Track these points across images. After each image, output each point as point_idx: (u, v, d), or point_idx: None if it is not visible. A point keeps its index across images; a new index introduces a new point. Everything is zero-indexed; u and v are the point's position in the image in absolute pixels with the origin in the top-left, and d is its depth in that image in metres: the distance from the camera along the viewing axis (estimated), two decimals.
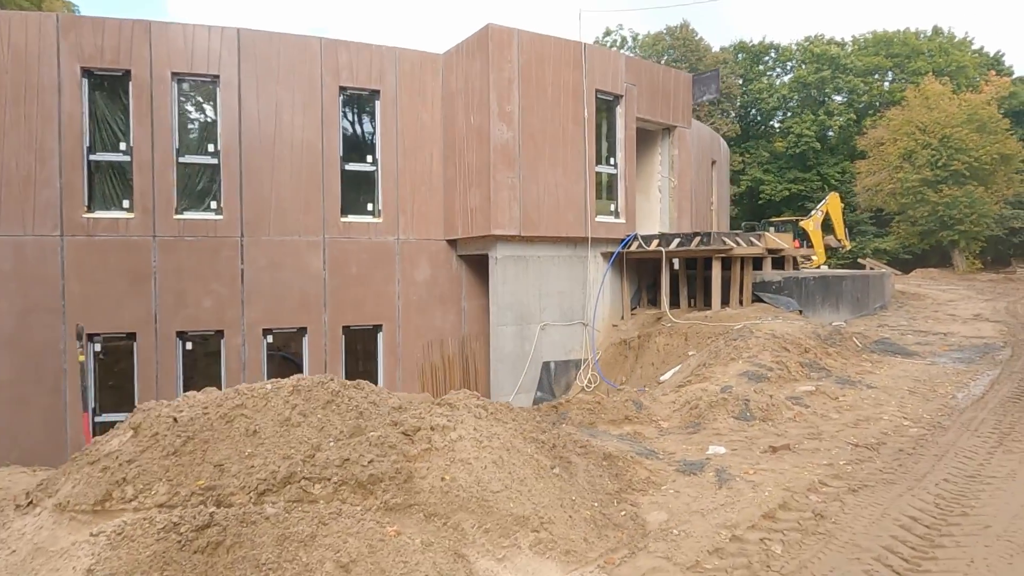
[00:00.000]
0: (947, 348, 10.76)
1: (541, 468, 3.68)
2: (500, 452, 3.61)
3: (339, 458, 3.25)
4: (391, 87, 12.64)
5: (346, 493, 3.13)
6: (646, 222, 15.06)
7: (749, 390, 6.46)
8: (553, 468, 3.77)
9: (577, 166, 12.55)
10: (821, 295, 13.09)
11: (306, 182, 12.03)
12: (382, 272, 12.66)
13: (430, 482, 3.28)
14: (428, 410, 3.85)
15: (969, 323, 14.53)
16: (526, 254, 12.29)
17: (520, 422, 4.07)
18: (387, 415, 3.67)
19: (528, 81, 11.92)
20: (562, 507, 3.45)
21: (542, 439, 3.98)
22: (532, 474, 3.58)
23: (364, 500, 3.12)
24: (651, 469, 4.59)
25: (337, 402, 3.62)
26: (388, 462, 3.30)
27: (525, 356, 12.32)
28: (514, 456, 3.65)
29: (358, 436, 3.42)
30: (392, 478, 3.24)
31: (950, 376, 8.33)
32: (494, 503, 3.21)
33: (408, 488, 3.23)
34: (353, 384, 3.91)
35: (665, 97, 14.17)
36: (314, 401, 3.56)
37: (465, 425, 3.73)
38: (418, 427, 3.61)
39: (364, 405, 3.68)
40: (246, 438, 3.25)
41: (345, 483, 3.16)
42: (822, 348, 9.10)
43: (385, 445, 3.42)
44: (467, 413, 3.90)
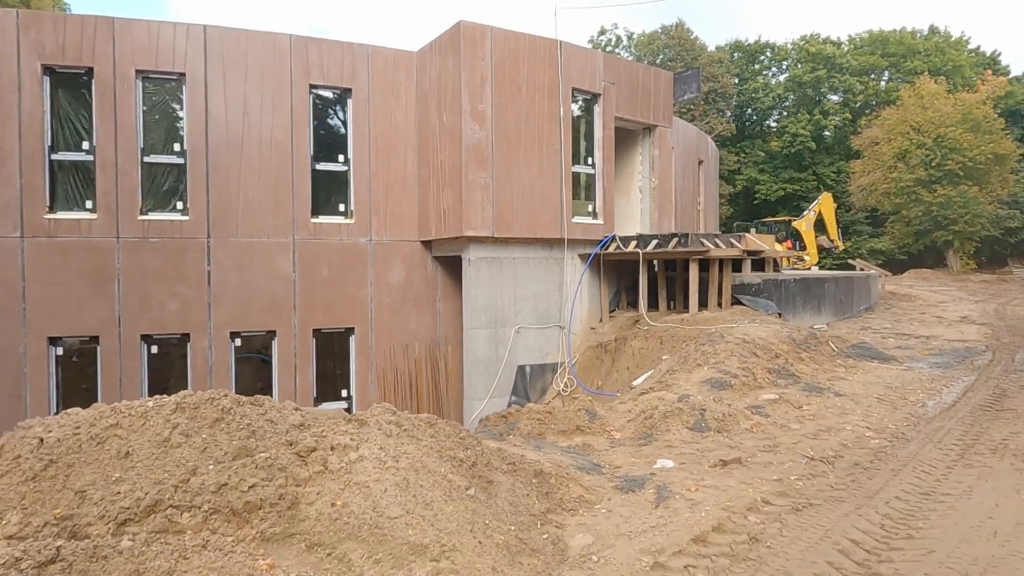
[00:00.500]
0: (927, 352, 10.52)
1: (454, 489, 3.45)
2: (407, 473, 3.37)
3: (216, 483, 3.01)
4: (363, 86, 12.40)
5: (218, 522, 2.90)
6: (626, 223, 14.82)
7: (708, 399, 6.22)
8: (468, 489, 3.54)
9: (553, 166, 12.32)
10: (802, 297, 12.85)
11: (275, 182, 11.79)
12: (354, 274, 12.42)
13: (318, 508, 3.04)
14: (333, 428, 3.60)
15: (954, 326, 14.30)
16: (500, 256, 12.05)
17: (440, 439, 3.83)
18: (284, 434, 3.43)
19: (502, 79, 11.68)
20: (472, 532, 3.22)
21: (461, 457, 3.74)
22: (442, 496, 3.34)
23: (238, 530, 2.89)
24: (587, 486, 4.36)
25: (227, 420, 3.37)
26: (273, 487, 3.06)
27: (499, 360, 12.08)
28: (423, 477, 3.41)
29: (244, 458, 3.18)
30: (273, 505, 3.00)
31: (924, 382, 8.09)
32: (390, 530, 2.97)
33: (291, 515, 3.00)
34: (250, 400, 3.67)
35: (645, 96, 13.93)
36: (201, 419, 3.32)
37: (370, 444, 3.49)
38: (314, 447, 3.37)
39: (259, 423, 3.43)
40: (116, 461, 3.01)
41: (218, 511, 2.92)
42: (795, 353, 8.87)
43: (274, 468, 3.18)
44: (377, 430, 3.65)
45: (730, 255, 11.61)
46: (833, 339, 10.52)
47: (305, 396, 12.10)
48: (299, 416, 3.70)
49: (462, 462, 3.72)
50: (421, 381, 12.92)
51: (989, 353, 10.52)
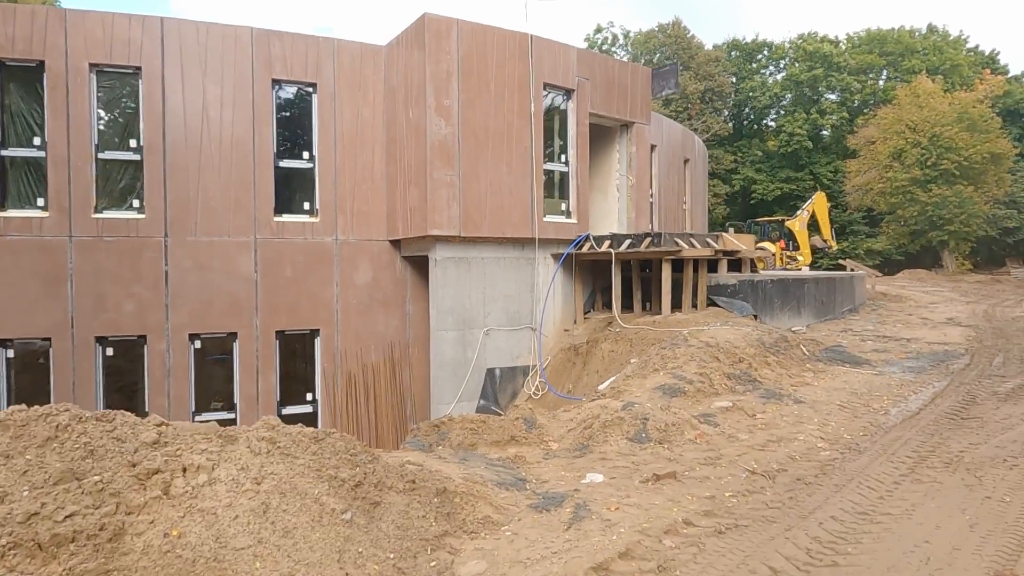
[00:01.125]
0: (904, 356, 10.18)
1: (326, 514, 3.13)
2: (269, 497, 3.05)
3: (25, 512, 2.68)
4: (329, 80, 12.08)
5: (18, 558, 2.57)
6: (603, 222, 14.49)
7: (656, 407, 5.88)
8: (344, 513, 3.21)
9: (523, 163, 11.98)
10: (780, 299, 12.50)
11: (236, 180, 11.47)
12: (319, 274, 12.10)
13: (147, 540, 2.72)
14: (191, 446, 3.28)
15: (939, 328, 13.95)
16: (468, 255, 11.72)
17: (324, 456, 3.50)
18: (131, 454, 3.11)
19: (469, 74, 11.35)
20: (340, 563, 2.89)
21: (344, 476, 3.40)
22: (308, 522, 3.02)
23: (42, 567, 2.57)
24: (499, 504, 4.03)
25: (62, 439, 3.04)
26: (96, 515, 2.74)
27: (467, 363, 11.76)
28: (290, 501, 3.09)
29: (68, 482, 2.86)
30: (91, 537, 2.68)
31: (892, 388, 7.75)
32: (232, 563, 2.66)
33: (111, 549, 2.68)
34: (97, 416, 3.34)
35: (622, 92, 13.59)
36: (29, 439, 2.99)
37: (230, 464, 3.17)
38: (157, 469, 3.04)
39: (102, 442, 3.11)
40: None
41: (19, 545, 2.60)
42: (762, 357, 8.53)
43: (104, 493, 2.86)
44: (245, 448, 3.32)
45: (700, 255, 11.27)
46: (806, 342, 10.18)
47: (268, 400, 11.79)
48: (155, 433, 3.38)
49: (344, 482, 3.39)
50: (389, 384, 12.60)
51: (968, 357, 10.18)
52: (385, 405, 12.51)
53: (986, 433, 5.90)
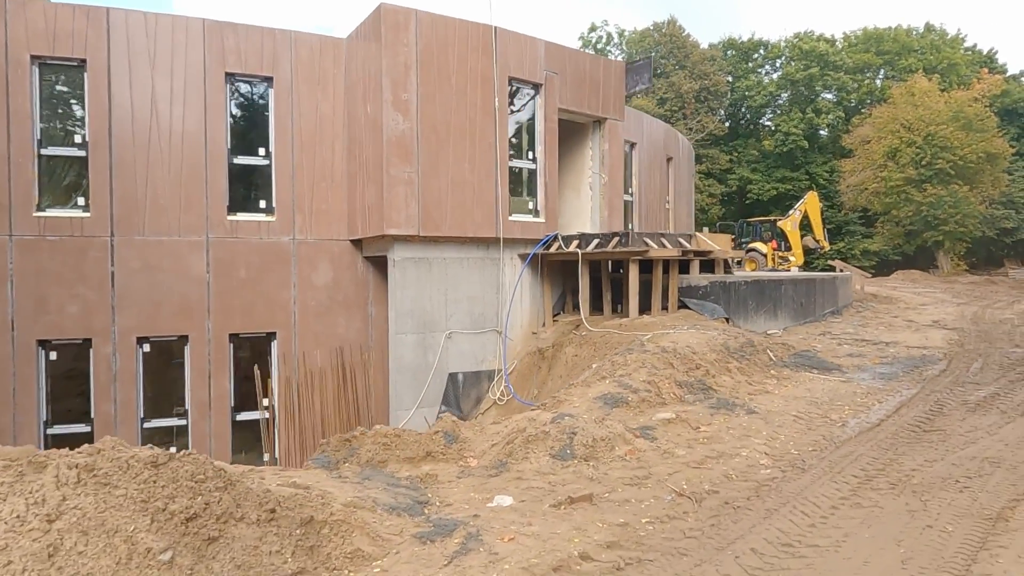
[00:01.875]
0: (878, 361, 9.73)
1: (136, 555, 2.70)
2: (62, 537, 2.63)
3: None
4: (286, 74, 11.65)
5: None
6: (576, 221, 14.06)
7: (589, 420, 5.44)
8: (164, 552, 2.79)
9: (487, 160, 11.54)
10: (755, 300, 12.05)
11: (187, 177, 11.04)
12: (276, 275, 11.67)
13: None
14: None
15: (922, 331, 13.49)
16: (429, 256, 11.29)
17: (154, 485, 3.06)
18: None
19: (428, 67, 10.91)
20: None
21: (175, 508, 2.98)
22: (110, 566, 2.59)
23: None
24: (378, 535, 3.60)
25: None
26: None
27: (428, 367, 11.32)
28: (91, 540, 2.67)
29: None
30: None
31: (857, 397, 7.31)
32: None
33: None
34: None
35: (593, 87, 13.15)
36: None
37: (19, 498, 2.75)
38: None
39: None
40: None
41: None
42: (723, 363, 8.08)
43: None
44: (50, 477, 2.91)
45: (670, 256, 10.82)
46: (775, 346, 9.73)
47: (221, 405, 11.36)
48: None
49: (173, 515, 2.97)
50: (351, 389, 12.16)
51: (945, 362, 9.73)
52: (346, 411, 12.08)
53: (945, 448, 5.45)
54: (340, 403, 12.08)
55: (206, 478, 3.27)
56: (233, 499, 3.24)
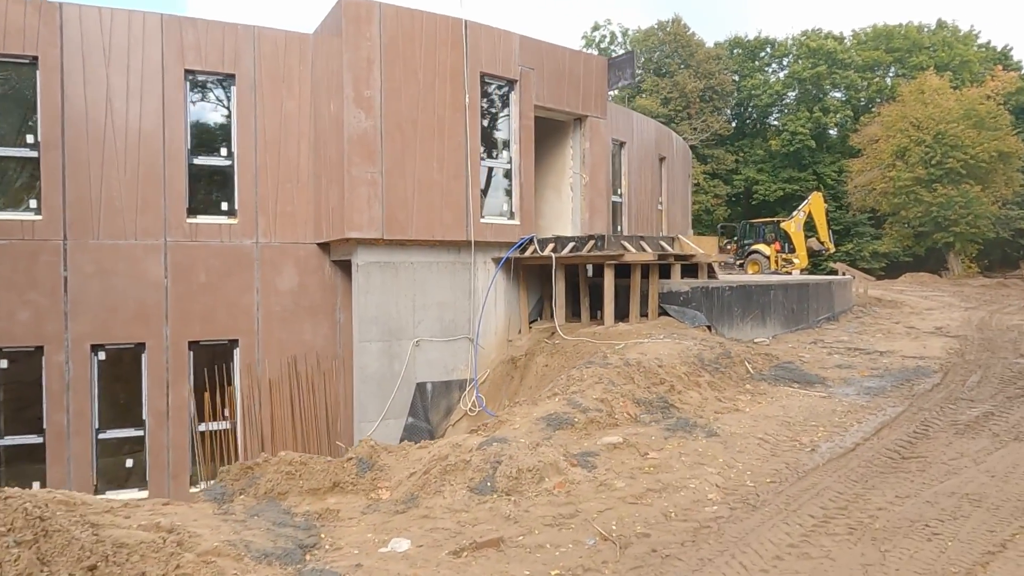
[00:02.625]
0: (868, 373, 9.09)
1: None
2: None
3: None
4: (249, 71, 11.18)
5: None
6: (557, 223, 13.50)
7: (523, 445, 4.88)
8: None
9: (457, 160, 11.01)
10: (740, 307, 11.43)
11: (144, 178, 10.59)
12: (238, 280, 11.20)
13: None
14: None
15: (921, 338, 12.82)
16: (395, 260, 10.77)
17: None
18: None
19: (393, 62, 10.40)
20: None
21: None
22: None
23: None
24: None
25: None
26: None
27: (395, 376, 10.81)
28: None
29: None
30: None
31: (836, 416, 6.70)
32: None
33: None
34: None
35: (573, 83, 12.59)
36: None
37: None
38: None
39: None
40: None
41: None
42: (693, 377, 7.50)
43: None
44: None
45: (646, 260, 10.23)
46: (756, 357, 9.12)
47: (180, 416, 10.89)
48: None
49: None
50: (317, 398, 11.67)
51: (940, 374, 9.08)
52: (313, 422, 11.58)
53: (922, 480, 4.85)
54: (306, 413, 11.59)
55: (9, 529, 2.76)
56: (39, 556, 2.73)
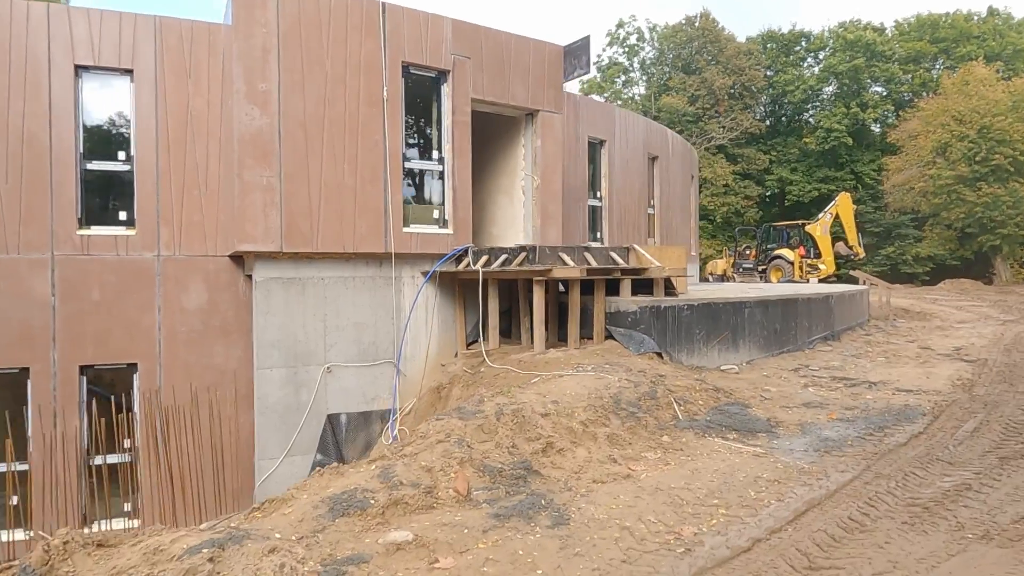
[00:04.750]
0: (836, 416, 7.41)
1: None
2: None
3: None
4: (149, 66, 10.09)
5: None
6: (510, 231, 12.08)
7: (251, 552, 3.51)
8: None
9: (374, 162, 9.71)
10: (704, 329, 9.79)
11: (27, 185, 9.59)
12: (136, 297, 10.10)
13: None
14: None
15: (932, 363, 10.95)
16: (302, 275, 9.53)
17: None
18: None
19: (294, 52, 9.17)
20: None
21: None
22: None
23: None
24: None
25: None
26: None
27: (302, 407, 9.56)
28: None
29: None
30: None
31: (756, 487, 5.12)
32: None
33: None
34: None
35: (521, 74, 11.15)
36: None
37: None
38: None
39: None
40: None
41: None
42: (590, 428, 6.00)
43: None
44: None
45: (571, 276, 8.70)
46: (700, 394, 7.53)
47: (71, 448, 9.84)
48: None
49: None
50: (229, 428, 10.49)
51: (929, 418, 7.34)
52: (220, 454, 10.41)
53: None
54: (215, 445, 10.42)
55: None
56: None
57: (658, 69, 54.13)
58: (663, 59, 54.43)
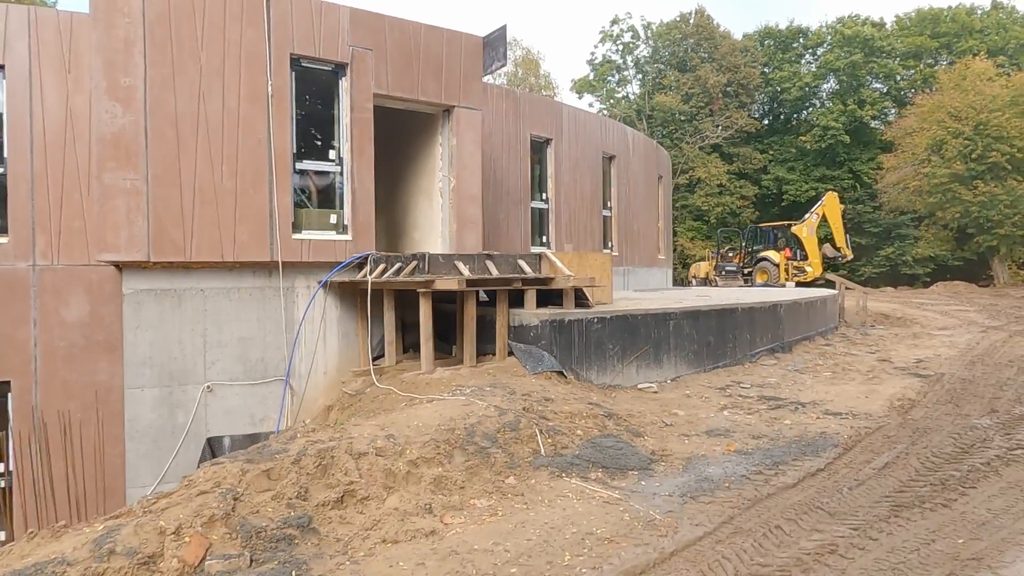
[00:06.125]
0: (735, 448, 6.52)
1: None
2: None
3: None
4: (23, 61, 9.35)
5: None
6: (430, 236, 11.26)
7: None
8: None
9: (257, 163, 8.92)
10: (619, 344, 8.90)
11: None
12: (9, 310, 9.35)
13: None
14: None
15: (881, 379, 10.04)
16: (178, 287, 8.75)
17: None
18: None
19: (162, 42, 8.40)
20: None
21: None
22: None
23: None
24: None
25: None
26: None
27: (178, 430, 8.79)
28: None
29: None
30: None
31: (574, 550, 4.26)
32: None
33: None
34: None
35: (433, 67, 10.33)
36: None
37: None
38: None
39: None
40: None
41: None
42: (418, 469, 5.16)
43: None
44: None
45: (445, 287, 7.85)
46: (584, 421, 6.67)
47: None
48: None
49: None
50: (105, 450, 9.73)
51: (840, 450, 6.45)
52: (102, 478, 9.65)
53: None
54: (97, 468, 9.67)
55: None
56: None
57: (652, 67, 53.09)
58: (658, 57, 53.40)
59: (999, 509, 4.90)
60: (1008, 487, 5.34)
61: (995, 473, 5.67)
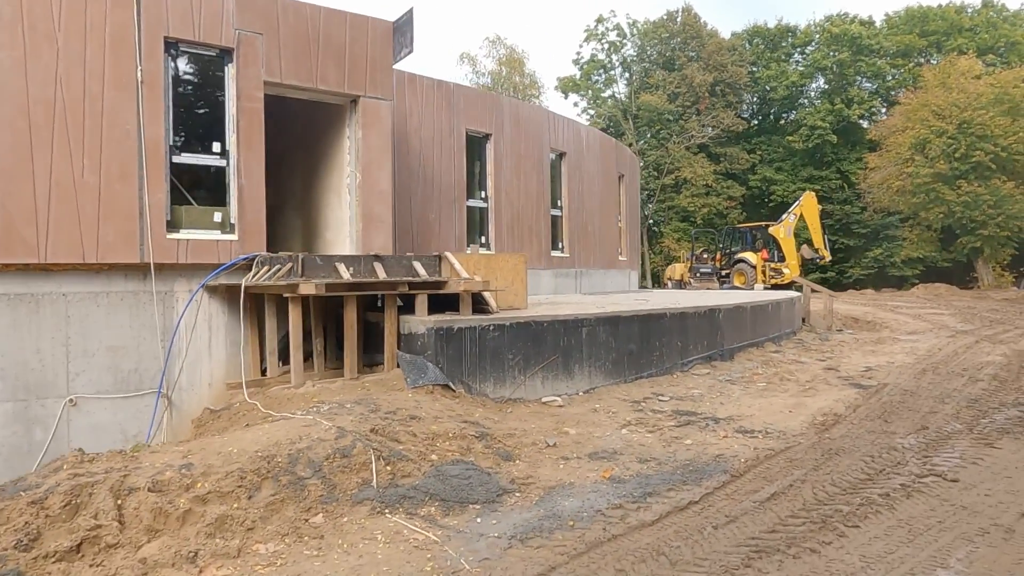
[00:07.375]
0: (610, 474, 5.75)
1: None
2: None
3: None
4: None
5: None
6: (340, 235, 10.50)
7: None
8: None
9: (124, 155, 8.17)
10: (520, 354, 8.13)
11: None
12: None
13: None
14: None
15: (816, 390, 9.28)
16: (35, 291, 7.98)
17: None
18: None
19: (12, 23, 7.65)
20: None
21: None
22: None
23: None
24: None
25: None
26: None
27: (35, 449, 8.01)
28: None
29: None
30: None
31: None
32: None
33: None
34: None
35: (334, 53, 9.58)
36: None
37: None
38: None
39: None
40: None
41: None
42: (208, 505, 4.40)
43: None
44: None
45: (305, 292, 7.09)
46: (438, 445, 5.90)
47: None
48: None
49: None
50: None
51: (725, 478, 5.67)
52: None
53: None
54: None
55: None
56: None
57: (639, 66, 52.33)
58: (644, 56, 52.65)
59: (875, 555, 4.13)
60: (896, 526, 4.57)
61: (889, 508, 4.89)
